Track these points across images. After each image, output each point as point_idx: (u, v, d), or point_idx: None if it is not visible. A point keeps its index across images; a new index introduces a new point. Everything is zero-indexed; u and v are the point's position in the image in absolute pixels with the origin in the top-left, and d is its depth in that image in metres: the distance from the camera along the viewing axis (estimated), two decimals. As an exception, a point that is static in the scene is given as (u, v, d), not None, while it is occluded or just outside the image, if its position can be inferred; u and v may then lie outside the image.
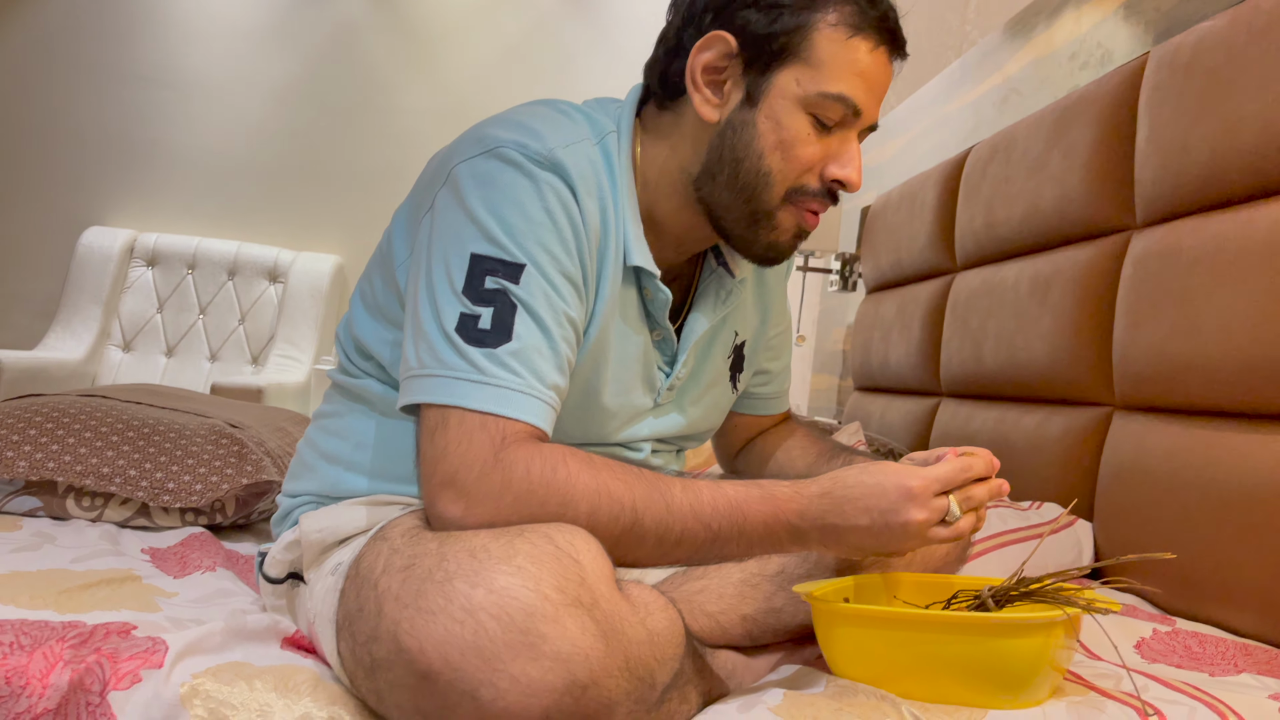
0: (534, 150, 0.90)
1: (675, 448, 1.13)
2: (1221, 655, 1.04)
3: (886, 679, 0.84)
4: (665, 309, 1.00)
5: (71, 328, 3.88)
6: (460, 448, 0.83)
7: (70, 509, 1.26)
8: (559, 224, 0.90)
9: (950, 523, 0.86)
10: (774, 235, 0.98)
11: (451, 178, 0.91)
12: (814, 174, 0.96)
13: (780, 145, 0.94)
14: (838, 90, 0.93)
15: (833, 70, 0.92)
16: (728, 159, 0.96)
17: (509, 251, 0.87)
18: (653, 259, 0.98)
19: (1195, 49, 1.33)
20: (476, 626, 0.68)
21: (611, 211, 0.95)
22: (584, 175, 0.92)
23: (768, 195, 0.96)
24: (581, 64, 4.22)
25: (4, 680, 0.75)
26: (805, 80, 0.93)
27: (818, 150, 0.95)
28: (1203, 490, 1.20)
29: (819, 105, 0.93)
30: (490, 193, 0.89)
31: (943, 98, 2.50)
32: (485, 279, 0.87)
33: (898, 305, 2.37)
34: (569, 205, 0.91)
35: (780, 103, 0.94)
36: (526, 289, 0.87)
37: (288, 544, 0.97)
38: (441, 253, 0.89)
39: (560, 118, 0.97)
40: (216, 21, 4.13)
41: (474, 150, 0.92)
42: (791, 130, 0.94)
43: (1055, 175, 1.65)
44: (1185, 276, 1.28)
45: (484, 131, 0.93)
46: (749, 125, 0.95)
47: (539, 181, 0.89)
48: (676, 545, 0.87)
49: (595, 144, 0.96)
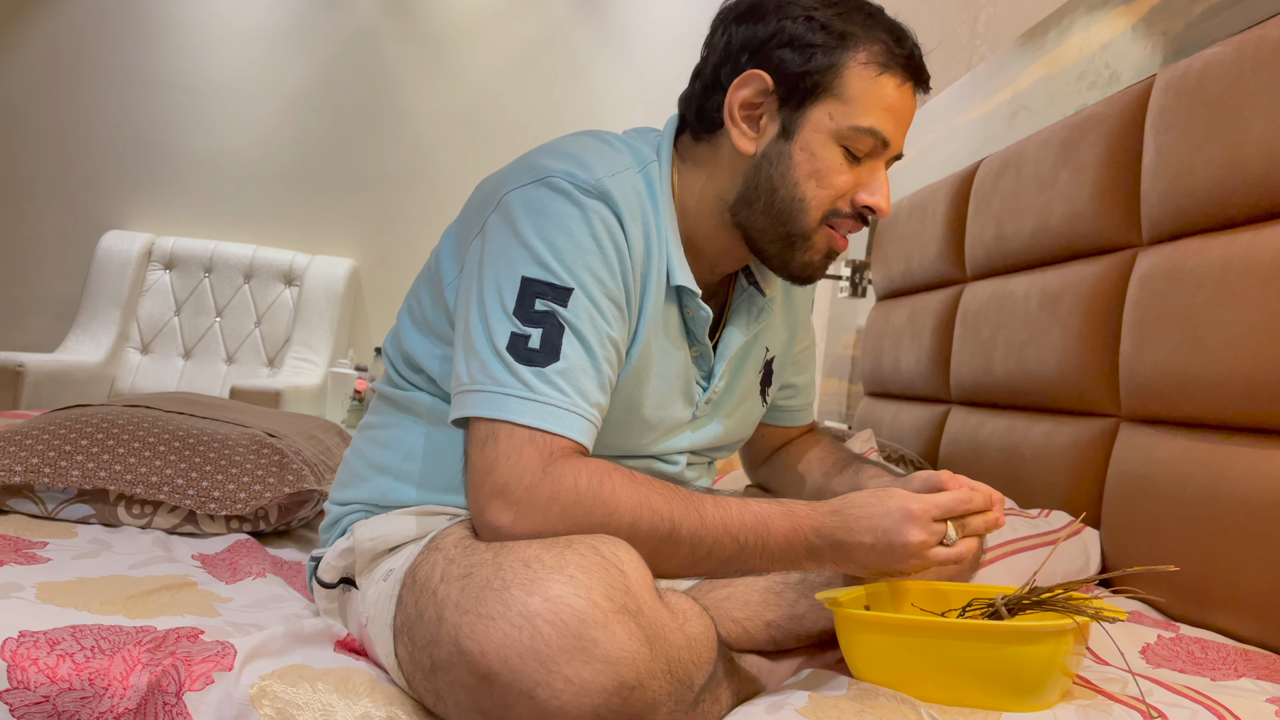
0: (582, 180, 0.96)
1: (707, 459, 1.19)
2: (1223, 660, 1.09)
3: (906, 682, 0.90)
4: (706, 326, 1.06)
5: (91, 330, 3.95)
6: (510, 460, 0.89)
7: (121, 516, 1.32)
8: (605, 250, 0.96)
9: (948, 545, 0.94)
10: (808, 255, 1.05)
11: (503, 204, 0.97)
12: (846, 200, 1.03)
13: (815, 174, 1.01)
14: (868, 124, 1.00)
15: (863, 105, 1.00)
16: (764, 188, 1.03)
17: (558, 276, 0.93)
18: (694, 279, 1.04)
19: (1201, 75, 1.38)
20: (533, 631, 0.74)
21: (655, 236, 1.02)
22: (629, 203, 0.99)
23: (804, 220, 1.03)
24: (594, 69, 4.27)
25: (88, 682, 0.80)
26: (838, 115, 1.00)
27: (850, 179, 1.02)
28: (1206, 501, 1.25)
29: (850, 138, 1.01)
30: (541, 220, 0.95)
31: (953, 110, 2.55)
32: (535, 301, 0.93)
33: (908, 313, 2.43)
34: (615, 232, 0.97)
35: (814, 135, 1.01)
36: (574, 312, 0.93)
37: (341, 551, 1.03)
38: (494, 275, 0.94)
39: (605, 148, 1.03)
40: (233, 27, 4.19)
41: (525, 179, 0.98)
42: (825, 161, 1.01)
43: (1064, 192, 1.70)
44: (1190, 295, 1.33)
45: (535, 161, 0.99)
46: (785, 157, 1.02)
47: (587, 210, 0.95)
48: (707, 556, 0.93)
49: (638, 172, 1.03)
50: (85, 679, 0.80)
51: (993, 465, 1.83)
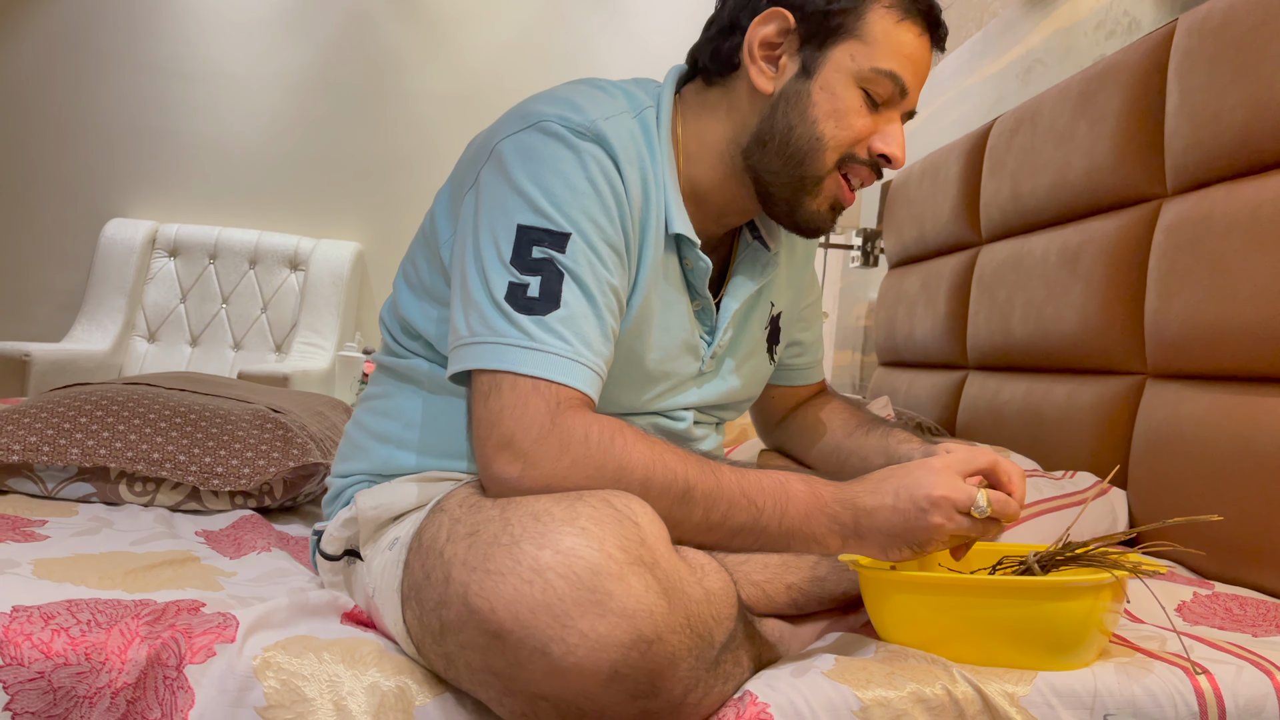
0: (576, 123, 0.93)
1: (715, 419, 1.15)
2: (1263, 616, 1.05)
3: (936, 643, 0.86)
4: (705, 278, 1.02)
5: (97, 319, 3.92)
6: (516, 411, 0.85)
7: (123, 494, 1.28)
8: (602, 193, 0.92)
9: (976, 516, 0.87)
10: (817, 203, 1.02)
11: (495, 153, 0.94)
12: (862, 146, 1.00)
13: (834, 114, 0.99)
14: (889, 67, 0.98)
15: (885, 48, 0.98)
16: (780, 127, 1.00)
17: (555, 221, 0.89)
18: (693, 229, 1.00)
19: (1226, 15, 1.33)
20: (545, 585, 0.71)
21: (653, 182, 0.98)
22: (625, 146, 0.95)
23: (819, 160, 1.00)
24: (595, 45, 4.21)
25: (84, 656, 0.77)
26: (860, 56, 0.98)
27: (868, 123, 1.00)
28: (1238, 455, 1.21)
29: (871, 80, 0.98)
30: (534, 165, 0.91)
31: (964, 70, 2.50)
32: (532, 249, 0.89)
33: (922, 279, 2.38)
34: (611, 175, 0.93)
35: (835, 75, 0.98)
36: (572, 258, 0.89)
37: (344, 521, 0.99)
38: (489, 225, 0.91)
39: (599, 93, 0.99)
40: (232, 12, 4.15)
41: (517, 125, 0.94)
42: (845, 101, 0.99)
43: (1083, 145, 1.65)
44: (1218, 243, 1.29)
45: (527, 108, 0.96)
46: (804, 95, 0.99)
47: (581, 152, 0.92)
48: (722, 521, 0.88)
49: (634, 117, 0.99)
50: (81, 653, 0.77)
51: (1013, 429, 1.79)
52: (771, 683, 0.81)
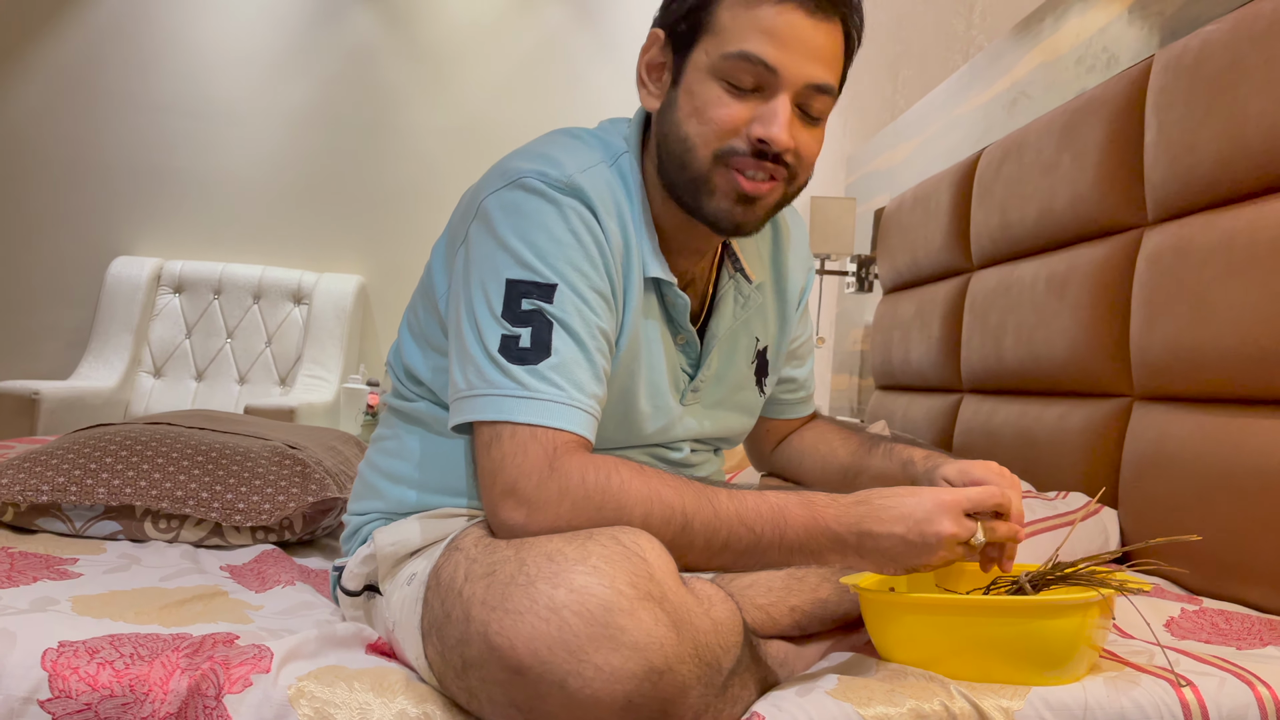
0: (554, 178, 0.98)
1: (712, 447, 1.20)
2: (1248, 630, 1.10)
3: (934, 661, 0.91)
4: (685, 313, 1.07)
5: (104, 357, 3.98)
6: (516, 459, 0.90)
7: (148, 531, 1.33)
8: (584, 243, 0.97)
9: (975, 546, 0.92)
10: (715, 201, 1.01)
11: (481, 210, 0.99)
12: (740, 136, 0.98)
13: (695, 112, 0.99)
14: (737, 49, 0.96)
15: (734, 33, 0.96)
16: (661, 138, 1.03)
17: (541, 274, 0.95)
18: (668, 268, 1.05)
19: (1199, 52, 1.39)
20: (561, 623, 0.75)
21: (630, 228, 1.03)
22: (602, 197, 1.00)
23: (695, 160, 1.00)
24: (590, 77, 4.29)
25: (129, 688, 0.82)
26: (710, 48, 0.98)
27: (735, 111, 0.98)
28: (1223, 475, 1.26)
29: (725, 69, 0.97)
30: (518, 220, 0.96)
31: (952, 101, 2.56)
32: (521, 301, 0.94)
33: (916, 305, 2.43)
34: (591, 226, 0.98)
35: (694, 74, 0.99)
36: (560, 306, 0.94)
37: (363, 558, 1.04)
38: (479, 281, 0.96)
39: (576, 144, 1.04)
40: (233, 50, 4.22)
41: (499, 183, 1.00)
42: (703, 96, 0.98)
43: (1067, 176, 1.71)
44: (1197, 271, 1.34)
45: (507, 165, 1.01)
46: (673, 103, 1.01)
47: (562, 206, 0.97)
48: (723, 549, 0.93)
49: (610, 166, 1.04)
50: (126, 685, 0.82)
51: (1007, 451, 1.84)
52: (777, 703, 0.85)
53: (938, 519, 0.90)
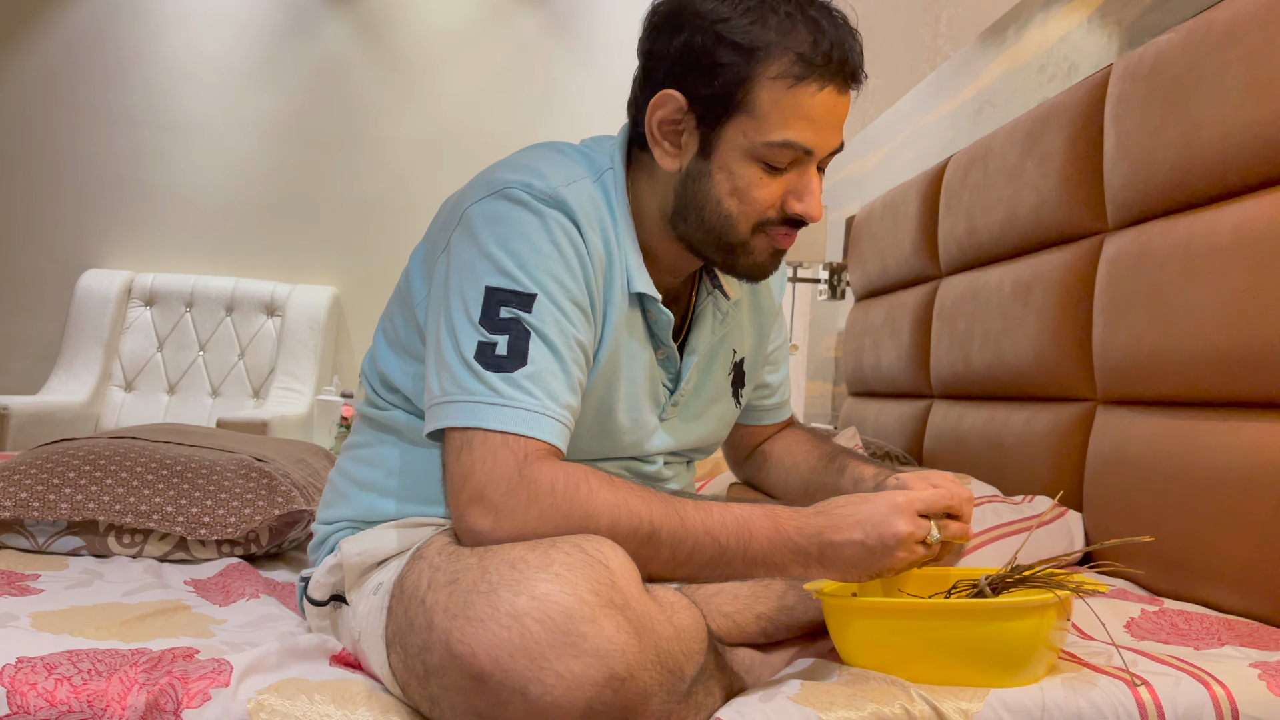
0: (539, 189, 0.98)
1: (685, 459, 1.20)
2: (1206, 630, 1.11)
3: (896, 665, 0.91)
4: (668, 330, 1.08)
5: (74, 370, 3.94)
6: (485, 465, 0.90)
7: (112, 546, 1.32)
8: (566, 255, 0.98)
9: (930, 544, 0.94)
10: (751, 259, 1.05)
11: (464, 219, 0.99)
12: (775, 209, 1.02)
13: (735, 192, 1.01)
14: (781, 138, 0.98)
15: (776, 120, 0.98)
16: (692, 204, 1.03)
17: (521, 283, 0.95)
18: (653, 284, 1.06)
19: (1156, 61, 1.41)
20: (522, 630, 0.75)
21: (614, 243, 1.04)
22: (586, 211, 1.01)
23: (734, 233, 1.03)
24: (564, 87, 4.30)
25: (86, 704, 0.81)
26: (750, 132, 0.99)
27: (774, 189, 1.01)
28: (1183, 477, 1.28)
29: (766, 154, 0.99)
30: (501, 230, 0.97)
31: (920, 109, 2.59)
32: (500, 309, 0.95)
33: (886, 311, 2.45)
34: (574, 238, 0.99)
35: (730, 154, 1.00)
36: (538, 316, 0.95)
37: (330, 568, 1.04)
38: (459, 288, 0.97)
39: (561, 158, 1.05)
40: (205, 62, 4.20)
41: (484, 192, 1.00)
42: (744, 178, 1.00)
43: (1031, 183, 1.73)
44: (1156, 275, 1.36)
45: (492, 175, 1.02)
46: (706, 175, 1.02)
47: (545, 217, 0.98)
48: (688, 559, 0.94)
49: (594, 181, 1.05)
50: (84, 700, 0.81)
51: (976, 456, 1.85)
52: (741, 709, 0.86)
53: (893, 520, 0.92)
